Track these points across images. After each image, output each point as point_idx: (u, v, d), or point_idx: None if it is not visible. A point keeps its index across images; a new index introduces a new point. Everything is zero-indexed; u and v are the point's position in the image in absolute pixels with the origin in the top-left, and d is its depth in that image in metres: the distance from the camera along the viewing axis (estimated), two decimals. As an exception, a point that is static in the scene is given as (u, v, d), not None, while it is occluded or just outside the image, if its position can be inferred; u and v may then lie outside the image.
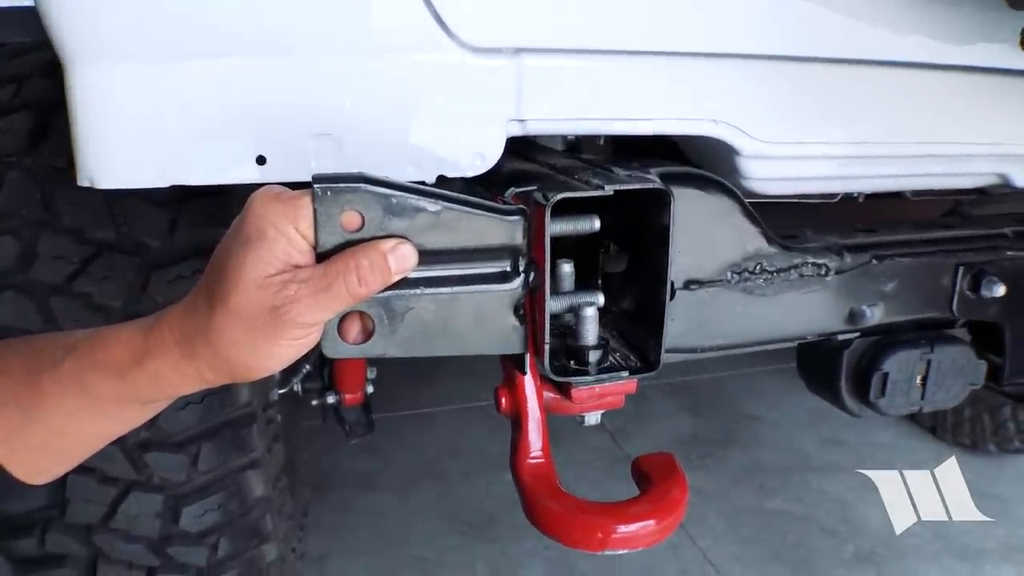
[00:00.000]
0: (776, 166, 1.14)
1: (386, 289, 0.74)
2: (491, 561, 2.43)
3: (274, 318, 0.66)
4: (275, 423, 1.79)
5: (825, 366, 1.23)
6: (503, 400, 0.93)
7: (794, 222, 1.28)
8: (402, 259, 0.72)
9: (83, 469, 1.51)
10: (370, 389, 2.34)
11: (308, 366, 2.14)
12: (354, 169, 0.76)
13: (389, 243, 0.71)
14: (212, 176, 0.92)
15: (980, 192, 1.56)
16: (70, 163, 1.50)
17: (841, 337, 1.19)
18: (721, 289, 1.07)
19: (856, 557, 2.56)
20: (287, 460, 1.97)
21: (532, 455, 0.89)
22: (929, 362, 1.21)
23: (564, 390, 0.94)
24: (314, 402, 2.28)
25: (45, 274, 1.46)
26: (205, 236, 1.49)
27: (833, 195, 1.38)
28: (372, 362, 2.29)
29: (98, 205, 1.48)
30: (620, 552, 0.82)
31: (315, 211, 0.69)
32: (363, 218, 0.72)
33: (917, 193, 1.45)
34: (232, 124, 0.90)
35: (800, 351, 1.28)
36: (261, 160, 0.91)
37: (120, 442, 1.48)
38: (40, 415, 0.73)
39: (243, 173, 0.92)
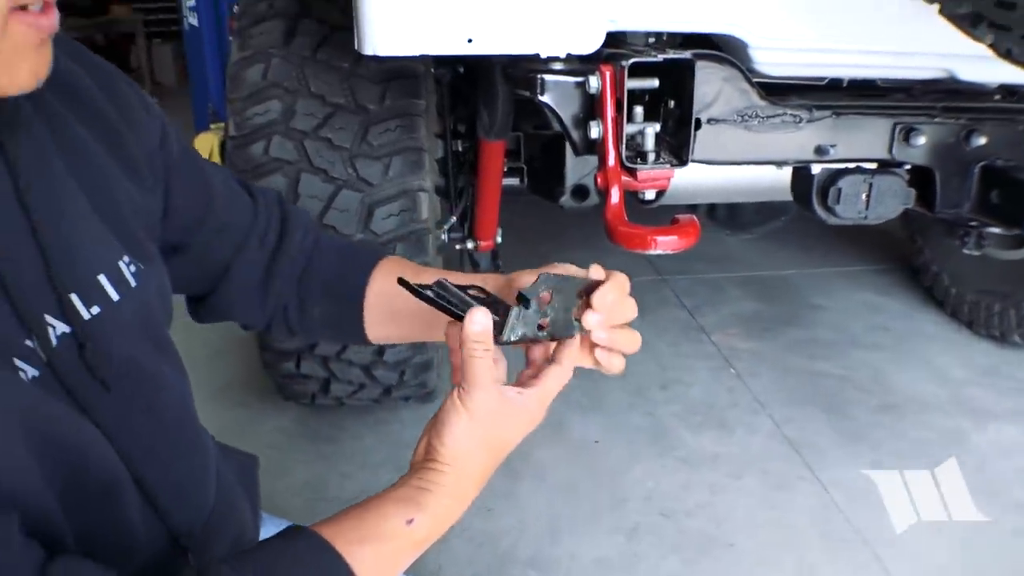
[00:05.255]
0: (775, 55, 1.73)
1: None
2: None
3: None
4: (440, 242, 2.43)
5: (804, 185, 1.81)
6: (598, 179, 1.59)
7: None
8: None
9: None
10: (499, 239, 2.87)
11: (454, 218, 2.72)
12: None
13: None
14: (441, 49, 1.52)
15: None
16: (313, 52, 2.20)
17: (812, 166, 1.79)
18: (729, 125, 1.66)
19: (880, 407, 2.94)
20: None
21: (614, 205, 1.58)
22: (871, 185, 1.76)
23: (633, 174, 1.59)
24: (457, 247, 2.83)
25: (301, 124, 2.05)
26: (403, 104, 2.08)
27: (821, 78, 1.95)
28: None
29: (334, 80, 2.06)
30: (659, 252, 1.48)
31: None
32: None
33: (886, 82, 1.99)
34: (453, 14, 1.46)
35: (792, 180, 1.91)
36: (470, 40, 1.54)
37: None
38: None
39: (458, 47, 1.51)
